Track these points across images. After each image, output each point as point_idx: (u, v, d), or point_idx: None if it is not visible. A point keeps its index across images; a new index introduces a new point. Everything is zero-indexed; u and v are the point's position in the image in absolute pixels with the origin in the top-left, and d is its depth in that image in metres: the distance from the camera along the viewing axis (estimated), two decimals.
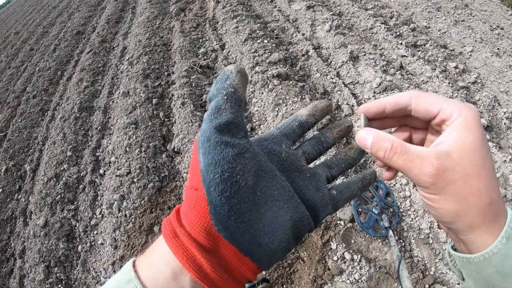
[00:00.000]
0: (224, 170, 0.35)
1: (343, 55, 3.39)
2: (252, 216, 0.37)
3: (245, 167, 0.37)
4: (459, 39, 3.64)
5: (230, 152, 0.36)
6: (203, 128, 0.37)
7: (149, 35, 5.02)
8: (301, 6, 4.44)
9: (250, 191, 0.37)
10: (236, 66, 0.40)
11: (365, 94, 2.99)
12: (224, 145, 0.36)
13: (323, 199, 0.44)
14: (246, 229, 0.36)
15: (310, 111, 0.51)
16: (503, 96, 2.98)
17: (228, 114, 0.37)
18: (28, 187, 3.46)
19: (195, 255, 0.35)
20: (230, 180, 0.35)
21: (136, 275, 0.37)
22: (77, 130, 3.83)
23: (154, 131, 3.24)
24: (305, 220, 0.42)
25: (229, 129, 0.37)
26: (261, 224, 0.38)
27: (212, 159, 0.35)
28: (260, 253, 0.37)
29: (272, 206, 0.39)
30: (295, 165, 0.46)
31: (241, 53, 3.73)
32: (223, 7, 4.82)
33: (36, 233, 2.84)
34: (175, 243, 0.36)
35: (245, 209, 0.36)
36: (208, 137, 0.36)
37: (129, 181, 2.81)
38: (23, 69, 6.53)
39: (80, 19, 7.62)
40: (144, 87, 3.81)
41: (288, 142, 0.48)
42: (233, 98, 0.38)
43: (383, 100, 0.45)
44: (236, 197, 0.35)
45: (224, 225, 0.35)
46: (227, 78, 0.39)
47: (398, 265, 1.71)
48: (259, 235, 0.37)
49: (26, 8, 13.66)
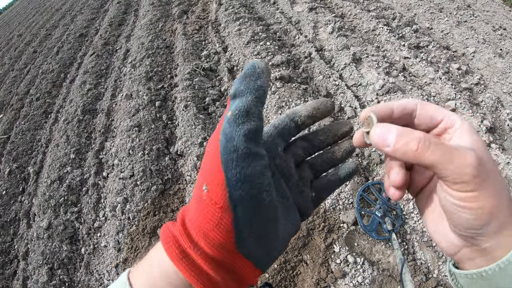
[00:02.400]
0: (253, 186, 0.32)
1: (345, 57, 3.39)
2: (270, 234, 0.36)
3: (270, 182, 0.35)
4: (461, 40, 3.63)
5: (259, 166, 0.33)
6: (228, 132, 0.33)
7: (151, 37, 5.04)
8: (304, 8, 4.44)
9: (273, 207, 0.35)
10: (266, 64, 0.37)
11: (368, 96, 2.98)
12: (253, 157, 0.33)
13: (306, 203, 0.43)
14: (264, 245, 0.35)
15: (310, 112, 0.46)
16: (506, 97, 2.97)
17: (257, 120, 0.34)
18: (31, 189, 3.47)
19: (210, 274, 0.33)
20: (257, 198, 0.33)
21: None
22: (81, 132, 3.85)
23: (157, 133, 3.25)
24: (298, 228, 0.42)
25: (256, 138, 0.34)
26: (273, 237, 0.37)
27: (240, 174, 0.32)
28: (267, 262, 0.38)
29: (280, 220, 0.38)
30: (287, 170, 0.43)
31: (244, 55, 3.74)
32: (226, 10, 4.83)
33: (40, 235, 2.85)
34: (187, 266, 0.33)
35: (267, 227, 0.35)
36: (235, 146, 0.32)
37: (133, 183, 2.82)
38: (26, 72, 6.56)
39: (83, 22, 7.66)
40: (147, 90, 3.82)
41: (282, 144, 0.45)
42: (263, 103, 0.35)
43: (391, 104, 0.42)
44: (260, 215, 0.34)
45: (248, 247, 0.34)
46: (259, 77, 0.35)
47: (401, 268, 1.70)
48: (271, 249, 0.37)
49: (29, 10, 13.73)
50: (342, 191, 2.23)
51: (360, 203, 2.18)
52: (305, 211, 0.43)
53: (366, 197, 2.20)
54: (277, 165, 0.42)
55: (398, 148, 0.34)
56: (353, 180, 2.29)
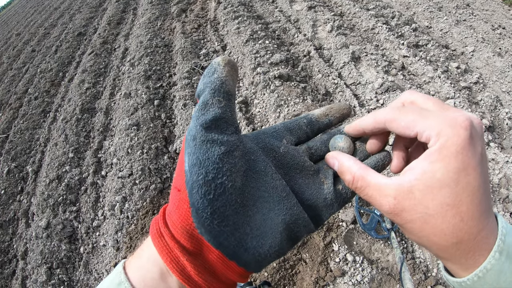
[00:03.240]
0: (208, 171, 0.33)
1: (344, 55, 3.38)
2: (238, 219, 0.35)
3: (233, 167, 0.34)
4: (460, 39, 3.63)
5: (217, 151, 0.34)
6: (190, 126, 0.35)
7: (150, 36, 5.03)
8: (303, 7, 4.44)
9: (237, 192, 0.34)
10: (224, 58, 0.38)
11: (367, 95, 2.98)
12: (210, 143, 0.34)
13: (326, 198, 0.40)
14: (231, 232, 0.34)
15: (324, 111, 0.46)
16: (505, 96, 2.97)
17: (215, 109, 0.35)
18: (30, 189, 3.46)
19: (179, 256, 0.34)
20: (215, 182, 0.33)
21: (126, 277, 0.36)
22: (79, 131, 3.84)
23: (156, 132, 3.24)
24: (301, 222, 0.38)
25: (217, 126, 0.35)
26: (248, 227, 0.35)
27: (197, 159, 0.33)
28: (247, 257, 0.35)
29: (262, 208, 0.37)
30: (295, 161, 0.41)
31: (243, 54, 3.73)
32: (224, 8, 4.83)
33: (38, 234, 2.84)
34: (161, 243, 0.35)
35: (231, 212, 0.34)
36: (193, 135, 0.34)
37: (131, 182, 2.81)
38: (25, 71, 6.54)
39: (81, 21, 7.63)
40: (146, 89, 3.82)
41: (291, 138, 0.44)
42: (220, 92, 0.36)
43: (361, 123, 0.42)
44: (221, 200, 0.33)
45: (207, 228, 0.33)
46: (214, 71, 0.37)
47: (400, 267, 1.70)
48: (245, 239, 0.35)
49: (27, 9, 13.70)
50: None
51: (359, 201, 2.18)
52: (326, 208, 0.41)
53: None
54: (279, 155, 0.41)
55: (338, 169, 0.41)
56: None
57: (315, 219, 0.40)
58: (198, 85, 0.38)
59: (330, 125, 0.46)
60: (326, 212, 0.40)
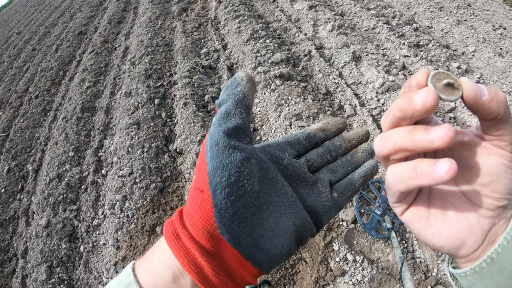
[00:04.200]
0: (231, 174, 0.35)
1: (345, 55, 3.38)
2: (255, 221, 0.37)
3: (251, 172, 0.37)
4: (461, 39, 3.63)
5: (238, 157, 0.36)
6: (211, 132, 0.38)
7: (151, 35, 5.03)
8: (303, 6, 4.44)
9: (255, 196, 0.37)
10: (247, 74, 0.41)
11: (367, 94, 2.98)
12: (232, 149, 0.36)
13: (325, 204, 0.44)
14: (249, 233, 0.36)
15: (321, 126, 0.50)
16: (506, 97, 2.96)
17: (237, 119, 0.38)
18: (30, 187, 3.46)
19: (196, 257, 0.35)
20: (237, 184, 0.35)
21: (136, 279, 0.37)
22: (79, 130, 3.84)
23: (156, 131, 3.24)
24: (307, 225, 0.42)
25: (238, 134, 0.37)
26: (263, 229, 0.38)
27: (220, 163, 0.35)
28: (262, 258, 0.37)
29: (274, 212, 0.39)
30: (296, 172, 0.45)
31: (243, 53, 3.73)
32: (225, 7, 4.83)
33: (39, 233, 2.84)
34: (177, 244, 0.36)
35: (249, 213, 0.36)
36: (216, 141, 0.36)
37: (131, 181, 2.81)
38: (25, 69, 6.54)
39: (82, 19, 7.63)
40: (146, 88, 3.82)
41: (292, 151, 0.48)
42: (242, 104, 0.39)
43: None
44: (241, 201, 0.35)
45: (228, 228, 0.35)
46: (238, 85, 0.40)
47: (401, 267, 1.70)
48: (261, 240, 0.37)
49: (28, 8, 13.70)
50: None
51: (360, 201, 2.18)
52: (325, 214, 0.44)
53: (366, 195, 2.20)
54: (283, 166, 0.44)
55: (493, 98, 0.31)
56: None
57: (316, 223, 0.44)
58: (220, 95, 0.40)
59: (327, 139, 0.51)
60: (325, 217, 0.44)
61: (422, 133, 0.31)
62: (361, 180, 0.47)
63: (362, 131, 0.51)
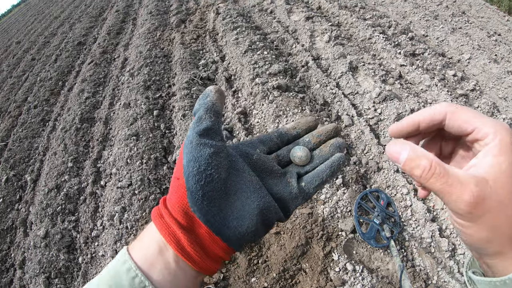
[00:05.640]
0: (201, 164, 0.42)
1: (342, 65, 3.42)
2: (222, 203, 0.44)
3: (219, 164, 0.44)
4: (457, 46, 3.68)
5: (207, 151, 0.43)
6: (188, 134, 0.45)
7: (150, 46, 5.07)
8: (300, 17, 4.49)
9: (222, 182, 0.44)
10: (215, 87, 0.50)
11: (364, 104, 3.01)
12: (203, 145, 0.43)
13: (291, 192, 0.49)
14: (216, 212, 0.43)
15: (293, 125, 0.56)
16: (502, 102, 3.00)
17: (207, 122, 0.45)
18: (28, 198, 3.45)
19: (175, 231, 0.42)
20: (205, 173, 0.42)
21: (130, 256, 0.43)
22: (78, 141, 3.85)
23: (155, 142, 3.25)
24: (272, 209, 0.47)
25: (208, 134, 0.45)
26: (230, 210, 0.44)
27: (193, 156, 0.42)
28: (230, 234, 0.43)
29: (241, 197, 0.46)
30: (265, 166, 0.51)
31: (241, 64, 3.77)
32: (223, 19, 4.88)
33: (37, 243, 2.83)
34: (160, 221, 0.43)
35: (217, 196, 0.43)
36: (191, 140, 0.44)
37: (130, 193, 2.81)
38: (25, 79, 6.55)
39: (81, 30, 7.69)
40: (145, 99, 3.84)
41: (263, 148, 0.54)
42: (212, 111, 0.47)
43: (416, 118, 0.43)
44: (210, 186, 0.42)
45: (198, 207, 0.41)
46: (207, 96, 0.48)
47: (400, 275, 1.71)
48: (228, 219, 0.44)
49: (27, 17, 13.77)
50: (340, 199, 2.24)
51: (358, 211, 2.19)
52: (292, 201, 0.49)
53: (364, 205, 2.21)
54: (253, 161, 0.50)
55: (405, 169, 0.38)
56: (351, 188, 2.30)
57: (284, 210, 0.49)
58: (195, 106, 0.49)
59: (298, 137, 0.56)
60: (292, 203, 0.49)
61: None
62: (328, 171, 0.51)
63: (330, 127, 0.55)
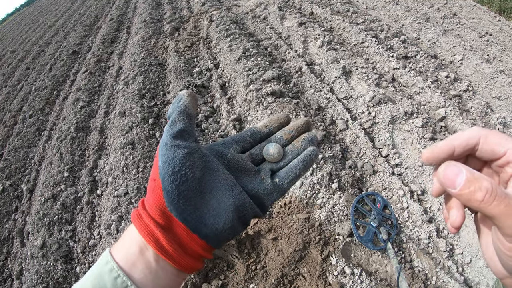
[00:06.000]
0: (175, 165, 0.43)
1: (335, 70, 3.45)
2: (198, 202, 0.45)
3: (193, 164, 0.45)
4: (449, 48, 3.72)
5: (181, 152, 0.44)
6: (162, 137, 0.47)
7: (144, 54, 5.08)
8: (293, 23, 4.53)
9: (196, 182, 0.45)
10: (187, 91, 0.51)
11: (359, 108, 3.03)
12: (177, 147, 0.45)
13: (265, 188, 0.50)
14: (192, 210, 0.44)
15: (265, 123, 0.57)
16: (495, 102, 3.04)
17: (181, 124, 0.47)
18: (25, 208, 3.44)
19: (154, 230, 0.43)
20: (180, 173, 0.43)
21: (112, 257, 0.44)
22: (74, 150, 3.84)
23: (151, 151, 3.26)
24: (248, 205, 0.48)
25: (182, 136, 0.46)
26: (206, 208, 0.45)
27: (167, 158, 0.44)
28: (207, 232, 0.45)
29: (216, 195, 0.47)
30: (239, 164, 0.51)
31: (235, 71, 3.79)
32: (217, 26, 4.91)
33: (34, 254, 2.81)
34: (139, 222, 0.44)
35: (192, 195, 0.44)
36: (165, 142, 0.45)
37: (127, 201, 2.81)
38: (19, 88, 6.54)
39: (75, 39, 7.70)
40: (140, 107, 3.84)
41: (237, 147, 0.54)
42: (184, 113, 0.48)
43: (452, 143, 0.41)
44: (185, 185, 0.43)
45: (175, 206, 0.43)
46: (180, 100, 0.50)
47: (398, 277, 1.72)
48: (205, 217, 0.45)
49: (22, 26, 13.77)
50: (337, 203, 2.25)
51: (355, 214, 2.20)
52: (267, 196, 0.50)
53: (361, 208, 2.22)
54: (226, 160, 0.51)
55: (463, 194, 0.35)
56: (347, 192, 2.32)
57: (260, 206, 0.50)
58: (169, 110, 0.50)
59: (271, 134, 0.57)
60: (267, 199, 0.50)
61: None
62: (301, 165, 0.52)
63: (301, 122, 0.56)
